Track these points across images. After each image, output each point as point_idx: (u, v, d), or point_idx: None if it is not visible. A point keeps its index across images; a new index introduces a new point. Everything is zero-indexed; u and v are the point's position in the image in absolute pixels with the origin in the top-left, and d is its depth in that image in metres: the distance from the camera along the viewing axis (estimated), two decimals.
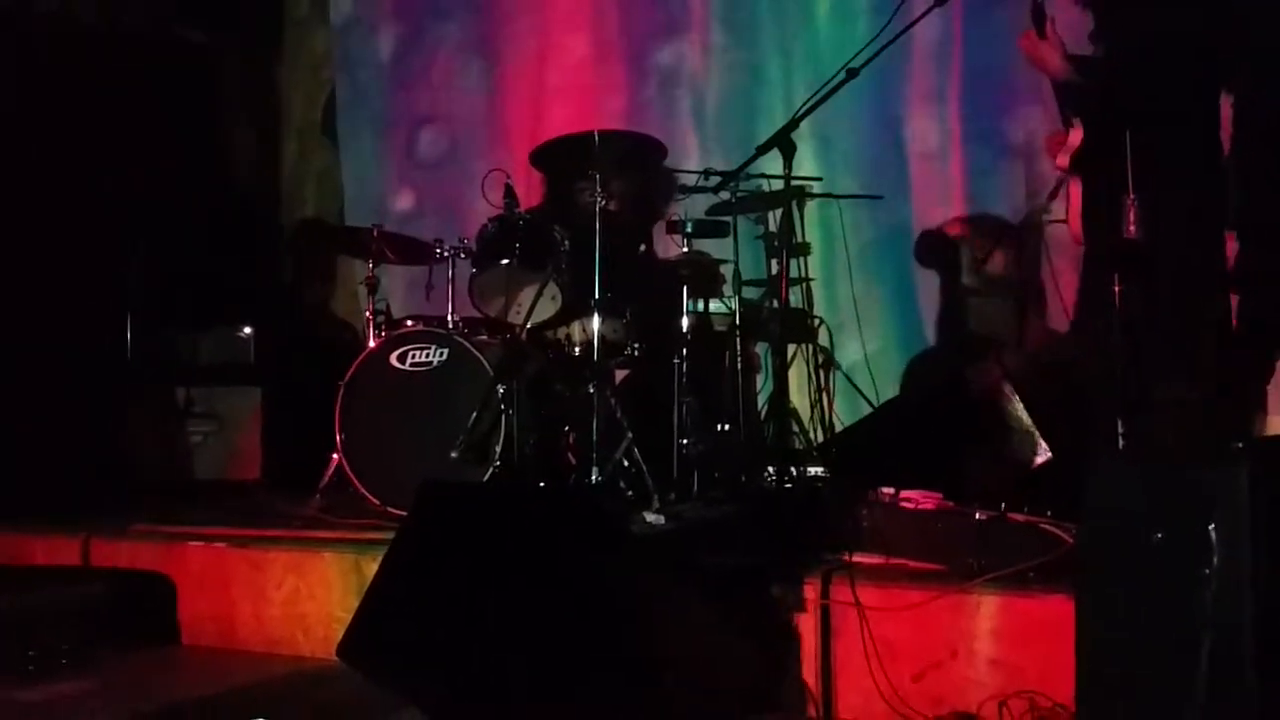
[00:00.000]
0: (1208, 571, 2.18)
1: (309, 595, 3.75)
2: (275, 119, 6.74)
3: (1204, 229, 3.70)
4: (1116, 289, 3.27)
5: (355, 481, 4.34)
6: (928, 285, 5.30)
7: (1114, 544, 2.41)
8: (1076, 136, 3.78)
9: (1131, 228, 3.23)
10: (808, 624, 3.13)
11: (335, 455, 4.44)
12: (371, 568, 3.38)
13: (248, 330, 5.43)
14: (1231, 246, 3.87)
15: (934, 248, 5.25)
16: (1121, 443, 3.19)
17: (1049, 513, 3.28)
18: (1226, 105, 3.89)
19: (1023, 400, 3.78)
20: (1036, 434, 3.77)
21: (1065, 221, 3.88)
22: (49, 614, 3.69)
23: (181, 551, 4.00)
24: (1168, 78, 3.56)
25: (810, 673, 3.11)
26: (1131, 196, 3.25)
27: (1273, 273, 3.97)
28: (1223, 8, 3.74)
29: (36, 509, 4.50)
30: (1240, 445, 2.28)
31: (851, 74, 3.60)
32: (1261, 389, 4.10)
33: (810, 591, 3.15)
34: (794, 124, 3.77)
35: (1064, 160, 3.82)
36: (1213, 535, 2.18)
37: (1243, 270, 3.95)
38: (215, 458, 5.27)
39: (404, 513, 3.59)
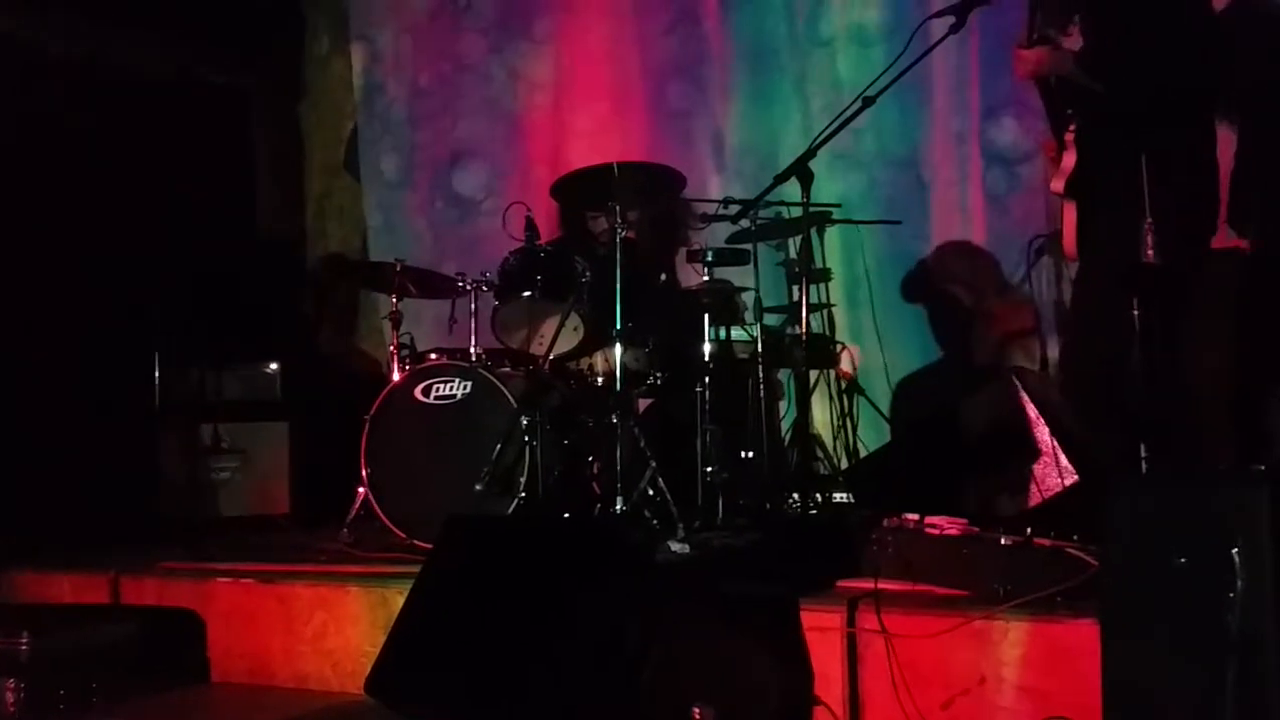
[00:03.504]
0: (1231, 595, 2.17)
1: (337, 630, 3.76)
2: (298, 156, 6.81)
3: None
4: (1136, 313, 3.26)
5: (381, 515, 4.36)
6: (948, 309, 5.29)
7: (1137, 568, 2.40)
8: (1069, 160, 3.81)
9: (1150, 252, 3.23)
10: (834, 652, 3.12)
11: (361, 489, 4.47)
12: (399, 602, 3.40)
13: (274, 366, 5.47)
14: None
15: (954, 271, 5.25)
16: (1144, 465, 3.17)
17: (1075, 536, 3.25)
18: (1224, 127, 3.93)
19: (1047, 422, 3.76)
20: (1062, 456, 3.74)
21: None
22: (80, 654, 3.70)
23: (210, 588, 4.02)
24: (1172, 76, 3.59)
25: (837, 701, 3.09)
26: (1149, 221, 3.25)
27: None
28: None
29: (65, 547, 4.54)
30: (1261, 467, 2.27)
31: (868, 102, 3.63)
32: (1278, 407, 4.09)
33: (836, 619, 3.13)
34: (811, 152, 3.79)
35: (1059, 185, 3.85)
36: (1236, 559, 2.17)
37: (1254, 288, 3.98)
38: (243, 493, 5.30)
39: (430, 546, 3.61)
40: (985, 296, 5.20)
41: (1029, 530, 3.26)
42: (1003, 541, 3.22)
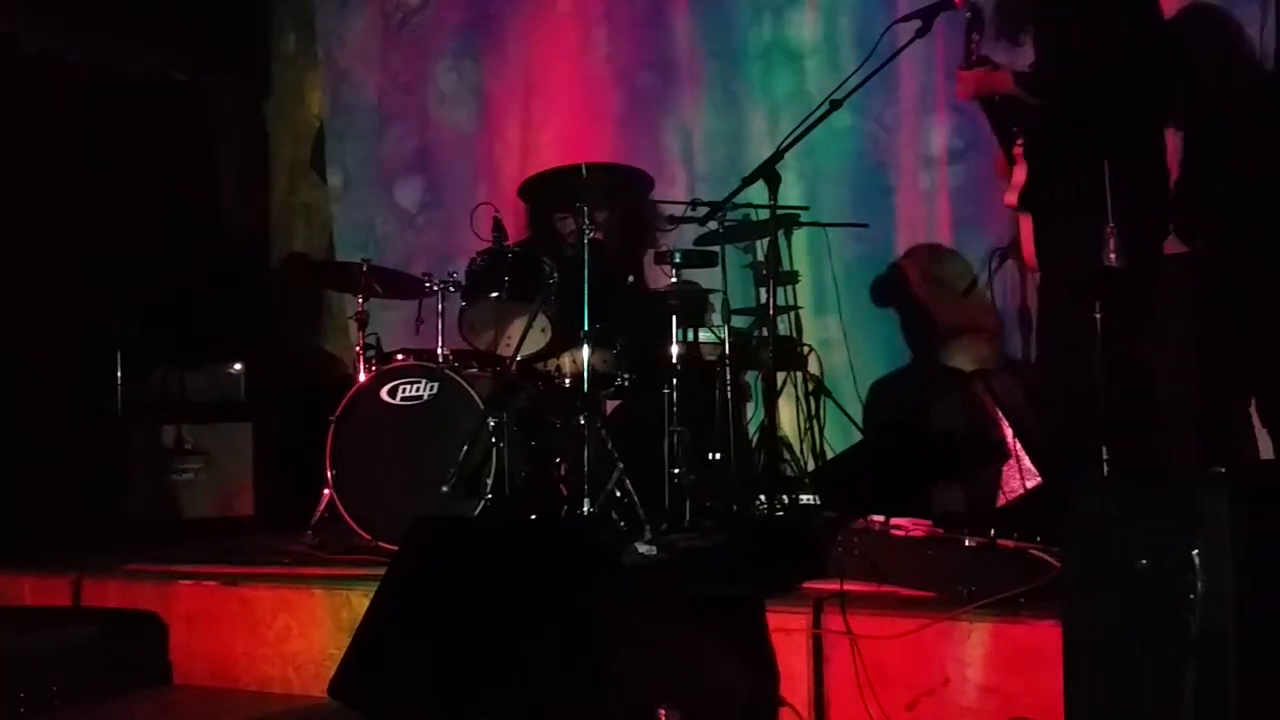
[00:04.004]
0: (1192, 596, 2.20)
1: (300, 633, 3.74)
2: (264, 155, 6.77)
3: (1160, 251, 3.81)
4: (1098, 316, 3.30)
5: (346, 517, 4.34)
6: (914, 312, 5.33)
7: (1099, 569, 2.42)
8: (1020, 174, 3.86)
9: (1112, 256, 3.27)
10: (800, 653, 3.13)
11: (326, 491, 4.44)
12: (363, 604, 3.38)
13: (238, 366, 5.44)
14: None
15: (920, 274, 5.29)
16: (1105, 468, 3.20)
17: (1038, 538, 3.28)
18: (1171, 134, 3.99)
19: (1011, 424, 3.79)
20: (1025, 458, 3.78)
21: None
22: (41, 656, 3.66)
23: (172, 590, 3.99)
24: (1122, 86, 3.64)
25: (802, 702, 3.10)
26: (1111, 225, 3.29)
27: (1236, 293, 4.06)
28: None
29: (27, 549, 4.48)
30: (1222, 470, 2.30)
31: (835, 105, 3.65)
32: (1244, 408, 4.16)
33: (802, 620, 3.14)
34: (779, 155, 3.80)
35: (1012, 199, 3.90)
36: (1196, 560, 2.20)
37: (1207, 292, 4.05)
38: (207, 495, 5.26)
39: (395, 548, 3.59)
40: (949, 299, 5.23)
41: (993, 532, 3.29)
42: (967, 543, 3.25)
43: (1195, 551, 2.21)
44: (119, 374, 5.20)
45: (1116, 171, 3.40)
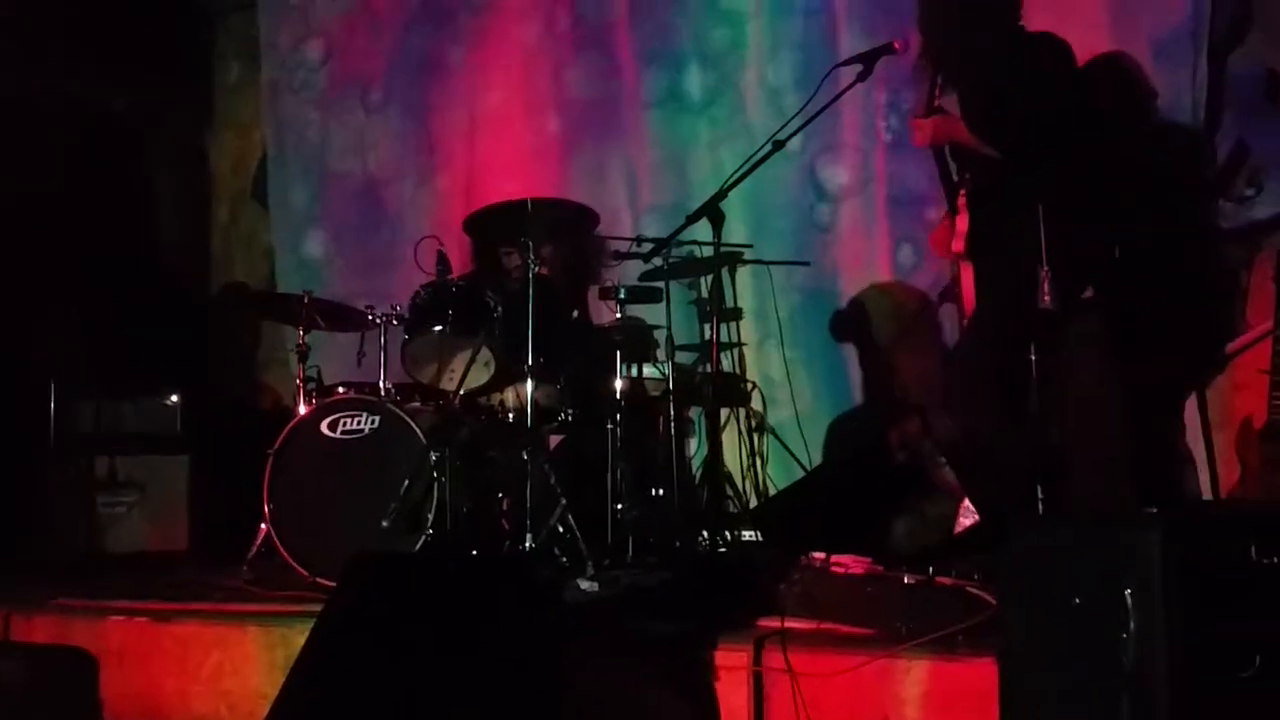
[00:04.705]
0: (1124, 635, 2.23)
1: (234, 671, 3.67)
2: (205, 185, 6.72)
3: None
4: (1033, 359, 3.36)
5: (284, 552, 4.28)
6: (859, 349, 5.38)
7: (1034, 608, 2.45)
8: (963, 223, 3.93)
9: (1046, 299, 3.33)
10: (740, 691, 3.12)
11: (263, 525, 4.38)
12: (299, 642, 3.32)
13: (175, 398, 5.36)
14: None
15: (861, 312, 5.34)
16: (1040, 507, 3.25)
17: (976, 576, 3.32)
18: None
19: (949, 463, 3.84)
20: (963, 497, 3.82)
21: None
22: None
23: (104, 627, 3.90)
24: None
25: None
26: (1045, 269, 3.35)
27: (1148, 334, 4.16)
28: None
29: None
30: (1153, 510, 2.34)
31: (778, 145, 3.69)
32: (1180, 443, 4.24)
33: (743, 658, 3.14)
34: (722, 194, 3.84)
35: (958, 245, 3.95)
36: (1128, 599, 2.23)
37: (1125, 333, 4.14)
38: (141, 528, 5.16)
39: (333, 584, 3.55)
40: (893, 336, 5.29)
41: (931, 569, 3.32)
42: (906, 580, 3.27)
43: (1128, 591, 2.24)
44: (52, 405, 5.10)
45: (1050, 215, 3.46)
